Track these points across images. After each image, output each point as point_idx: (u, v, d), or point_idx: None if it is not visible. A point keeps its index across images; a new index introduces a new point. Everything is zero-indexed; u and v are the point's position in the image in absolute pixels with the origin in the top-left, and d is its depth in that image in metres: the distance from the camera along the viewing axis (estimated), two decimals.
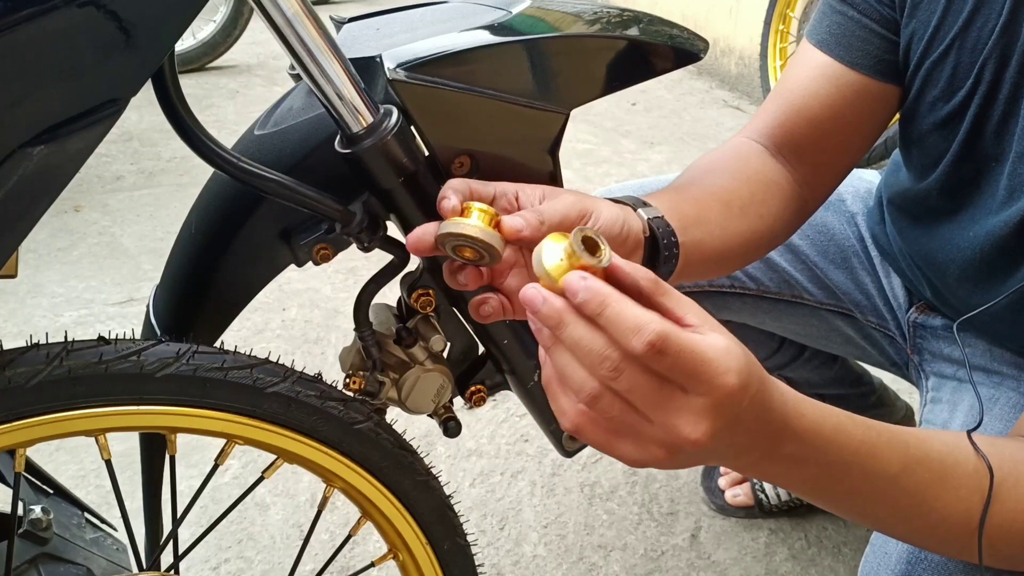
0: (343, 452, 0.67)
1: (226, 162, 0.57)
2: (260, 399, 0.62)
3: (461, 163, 0.62)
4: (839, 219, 1.01)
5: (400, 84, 0.58)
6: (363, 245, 0.63)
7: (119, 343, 0.58)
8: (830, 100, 0.79)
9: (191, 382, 0.59)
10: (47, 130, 0.45)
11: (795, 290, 1.01)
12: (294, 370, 0.64)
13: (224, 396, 0.60)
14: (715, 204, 0.71)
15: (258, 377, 0.62)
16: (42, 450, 1.40)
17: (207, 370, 0.59)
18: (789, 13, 2.95)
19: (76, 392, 0.55)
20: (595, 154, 2.80)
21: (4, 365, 0.53)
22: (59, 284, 1.94)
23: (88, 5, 0.44)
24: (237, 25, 3.47)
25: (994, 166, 0.75)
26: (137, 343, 0.58)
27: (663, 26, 0.70)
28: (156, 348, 0.58)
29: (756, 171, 0.77)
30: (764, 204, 0.75)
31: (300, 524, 1.28)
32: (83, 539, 0.76)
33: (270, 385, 0.62)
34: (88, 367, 0.55)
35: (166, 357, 0.58)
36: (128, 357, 0.57)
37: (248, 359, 0.62)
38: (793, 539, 1.29)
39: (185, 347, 0.59)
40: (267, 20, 0.52)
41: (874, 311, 0.99)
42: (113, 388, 0.57)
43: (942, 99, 0.76)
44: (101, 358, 0.56)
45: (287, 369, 0.64)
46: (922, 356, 0.95)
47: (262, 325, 1.79)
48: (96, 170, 2.54)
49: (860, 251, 1.00)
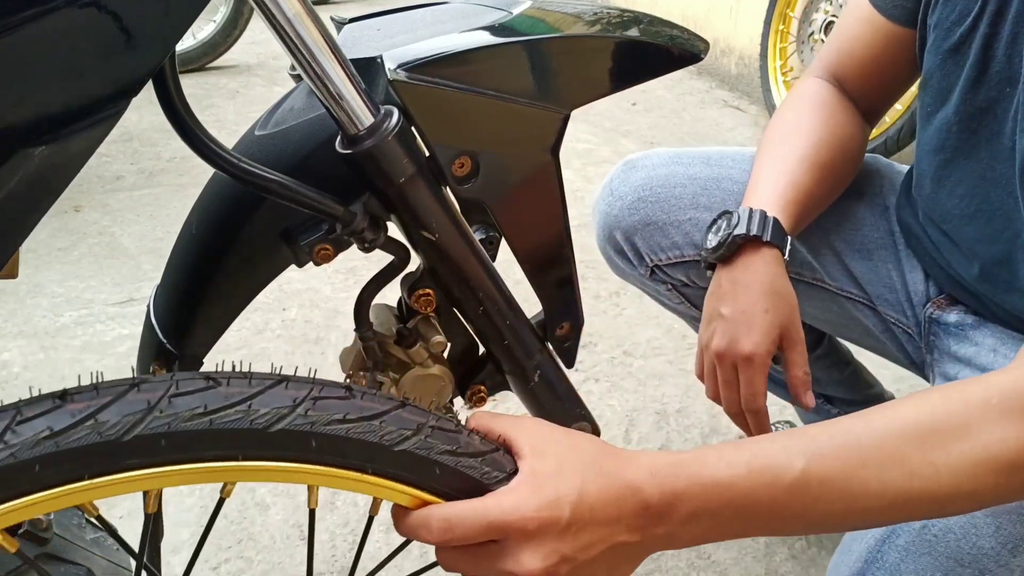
0: (438, 494, 0.54)
1: (227, 162, 0.57)
2: (386, 456, 0.51)
3: (462, 164, 0.62)
4: (872, 211, 1.01)
5: (401, 84, 0.58)
6: (364, 246, 0.63)
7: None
8: (870, 41, 0.94)
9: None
10: (48, 130, 0.45)
11: (816, 273, 1.01)
12: (429, 416, 0.53)
13: (349, 453, 0.50)
14: (819, 187, 0.90)
15: (387, 431, 0.50)
16: None
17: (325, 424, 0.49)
18: (789, 13, 2.95)
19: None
20: (595, 154, 2.80)
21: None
22: (59, 284, 1.94)
23: (89, 5, 0.44)
24: (237, 25, 3.47)
25: (1008, 91, 0.75)
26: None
27: (663, 27, 0.70)
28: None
29: (839, 124, 0.94)
30: (849, 160, 0.95)
31: (300, 524, 1.28)
32: (83, 539, 0.76)
33: (399, 441, 0.51)
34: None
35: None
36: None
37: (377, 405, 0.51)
38: (793, 539, 1.29)
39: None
40: (268, 20, 0.52)
41: (894, 305, 0.99)
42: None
43: (955, 23, 0.78)
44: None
45: (421, 415, 0.52)
46: (933, 356, 0.95)
47: (262, 325, 1.79)
48: (96, 170, 2.54)
49: (888, 244, 0.99)
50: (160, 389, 0.46)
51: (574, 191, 2.43)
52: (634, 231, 1.03)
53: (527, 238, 0.69)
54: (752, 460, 0.52)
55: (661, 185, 1.01)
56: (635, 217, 1.02)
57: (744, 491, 0.51)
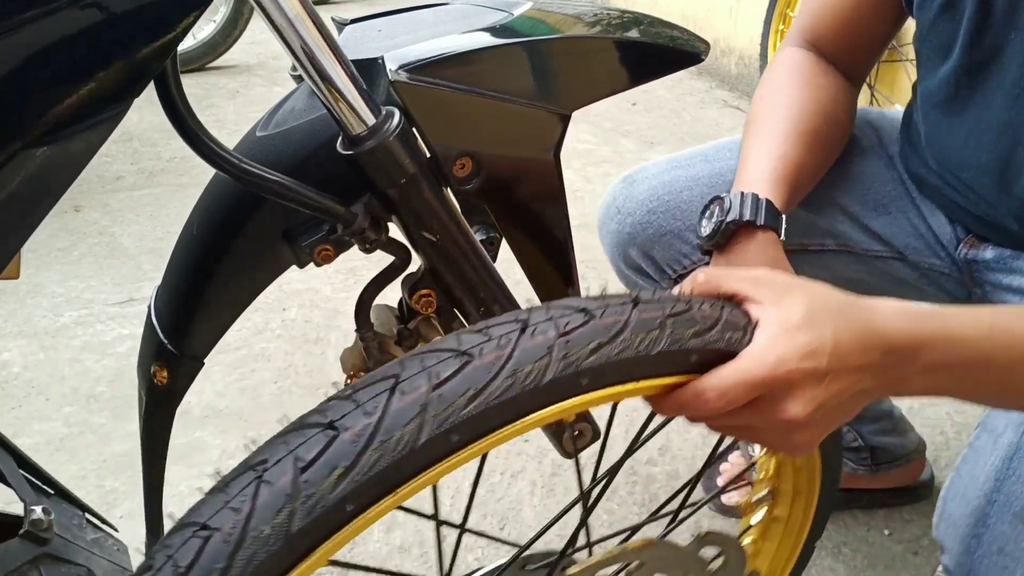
0: (693, 372, 0.58)
1: (228, 163, 0.57)
2: (646, 363, 0.53)
3: (463, 164, 0.62)
4: (877, 164, 1.00)
5: (402, 85, 0.58)
6: (365, 246, 0.64)
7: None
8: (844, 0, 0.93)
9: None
10: (50, 132, 0.45)
11: (840, 239, 0.99)
12: None
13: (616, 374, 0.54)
14: (809, 156, 0.87)
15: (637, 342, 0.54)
16: (42, 450, 1.40)
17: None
18: (789, 13, 2.95)
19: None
20: (595, 154, 2.80)
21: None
22: (59, 284, 1.94)
23: (91, 7, 0.44)
24: (237, 25, 3.48)
25: (1013, 36, 0.75)
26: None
27: (664, 28, 0.70)
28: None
29: (819, 88, 0.92)
30: (836, 123, 0.92)
31: None
32: (84, 540, 0.76)
33: (652, 345, 0.54)
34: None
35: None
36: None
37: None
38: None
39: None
40: (269, 21, 0.53)
41: (925, 251, 0.98)
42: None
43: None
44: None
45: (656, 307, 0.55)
46: (984, 289, 0.94)
47: (262, 325, 1.79)
48: (96, 170, 2.54)
49: (902, 194, 0.98)
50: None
51: (574, 191, 2.43)
52: (651, 245, 1.01)
53: (528, 239, 0.69)
54: (994, 323, 0.54)
55: (667, 193, 1.01)
56: (649, 231, 1.01)
57: (985, 352, 0.53)
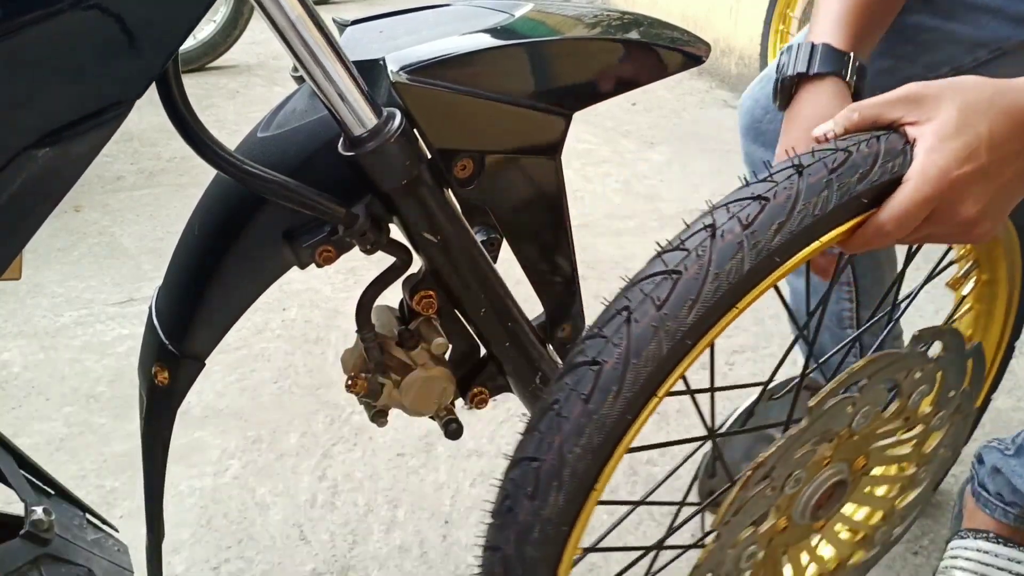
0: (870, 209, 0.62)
1: (229, 164, 0.57)
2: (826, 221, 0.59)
3: (464, 166, 0.62)
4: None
5: (403, 87, 0.58)
6: (366, 247, 0.64)
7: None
8: None
9: None
10: (52, 133, 0.45)
11: (989, 45, 0.90)
12: None
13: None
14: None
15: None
16: (42, 450, 1.40)
17: None
18: (789, 13, 2.95)
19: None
20: (595, 154, 2.80)
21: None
22: (59, 284, 1.94)
23: (93, 8, 0.44)
24: (237, 25, 3.48)
25: None
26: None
27: (664, 29, 0.70)
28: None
29: None
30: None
31: (300, 524, 1.28)
32: (85, 540, 0.76)
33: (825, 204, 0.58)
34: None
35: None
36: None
37: None
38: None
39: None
40: (270, 22, 0.53)
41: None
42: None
43: None
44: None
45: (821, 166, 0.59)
46: None
47: (262, 325, 1.79)
48: (96, 170, 2.54)
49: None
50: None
51: (574, 191, 2.43)
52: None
53: (528, 239, 0.69)
54: None
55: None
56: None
57: None
